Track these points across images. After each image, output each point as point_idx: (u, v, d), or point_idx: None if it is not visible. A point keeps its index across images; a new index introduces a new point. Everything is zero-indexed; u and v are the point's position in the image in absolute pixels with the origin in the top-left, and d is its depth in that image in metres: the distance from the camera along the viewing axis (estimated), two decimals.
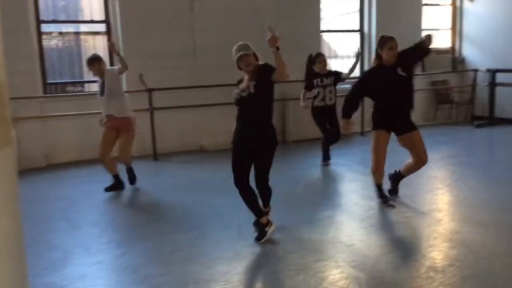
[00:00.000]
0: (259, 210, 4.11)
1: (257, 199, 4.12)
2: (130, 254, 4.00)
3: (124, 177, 5.95)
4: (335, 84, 6.85)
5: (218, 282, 3.40)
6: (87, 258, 3.92)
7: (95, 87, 8.14)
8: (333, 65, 10.37)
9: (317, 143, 7.15)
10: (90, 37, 8.39)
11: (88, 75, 8.46)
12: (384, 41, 4.80)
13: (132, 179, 6.02)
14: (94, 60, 5.74)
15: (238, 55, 3.88)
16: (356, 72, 7.30)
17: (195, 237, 4.32)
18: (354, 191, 5.80)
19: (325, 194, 5.84)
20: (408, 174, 5.17)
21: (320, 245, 4.06)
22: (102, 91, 5.76)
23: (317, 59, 6.86)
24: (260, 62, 4.01)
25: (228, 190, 4.33)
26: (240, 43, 3.97)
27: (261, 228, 4.10)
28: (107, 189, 5.79)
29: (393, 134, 4.93)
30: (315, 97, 6.85)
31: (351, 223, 4.68)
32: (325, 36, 10.02)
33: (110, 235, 4.52)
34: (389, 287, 3.29)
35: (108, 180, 5.87)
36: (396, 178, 5.24)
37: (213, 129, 8.29)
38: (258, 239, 4.07)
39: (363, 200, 5.25)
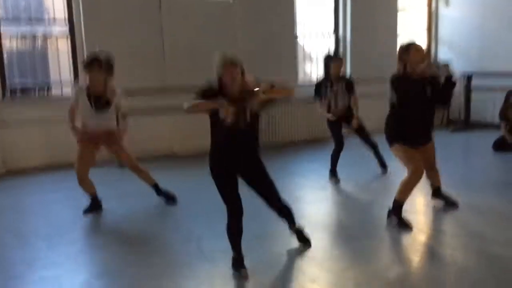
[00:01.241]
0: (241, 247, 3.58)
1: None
2: (77, 271, 3.72)
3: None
4: (348, 91, 6.18)
5: None
6: (29, 275, 3.62)
7: (60, 90, 7.88)
8: (307, 68, 10.24)
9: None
10: (53, 38, 8.04)
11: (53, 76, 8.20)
12: (407, 45, 4.32)
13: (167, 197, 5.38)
14: (90, 64, 4.80)
15: (225, 62, 3.30)
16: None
17: (152, 250, 4.05)
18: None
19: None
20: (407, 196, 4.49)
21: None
22: (98, 107, 4.89)
23: (333, 62, 6.21)
24: (250, 81, 3.40)
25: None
26: (224, 52, 3.38)
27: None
28: (86, 212, 5.05)
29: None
30: (328, 106, 6.18)
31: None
32: (300, 39, 9.82)
33: (59, 249, 4.20)
34: None
35: (67, 189, 5.55)
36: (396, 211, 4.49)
37: (186, 134, 8.01)
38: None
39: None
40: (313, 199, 5.60)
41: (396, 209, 4.44)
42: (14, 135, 7.22)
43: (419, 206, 5.16)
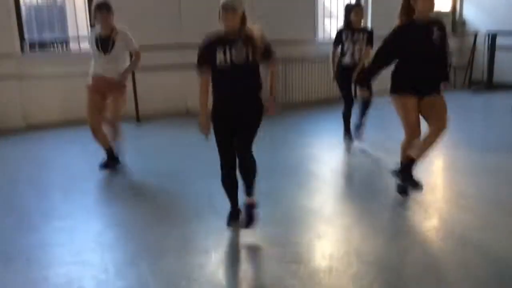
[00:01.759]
0: (237, 200, 3.65)
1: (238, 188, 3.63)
2: (91, 222, 3.85)
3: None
4: (368, 43, 5.93)
5: None
6: (45, 225, 3.77)
7: (77, 45, 7.91)
8: (329, 25, 10.03)
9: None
10: None
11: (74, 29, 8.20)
12: None
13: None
14: (103, 7, 4.80)
15: (225, 6, 3.26)
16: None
17: (164, 204, 4.15)
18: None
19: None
20: (423, 154, 4.05)
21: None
22: (104, 49, 4.89)
23: (353, 9, 5.96)
24: (251, 26, 3.37)
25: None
26: None
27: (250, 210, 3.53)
28: (103, 166, 5.05)
29: None
30: (342, 54, 5.93)
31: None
32: None
33: (74, 200, 4.33)
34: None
35: (84, 143, 5.65)
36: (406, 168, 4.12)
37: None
38: (248, 224, 3.52)
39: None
40: (322, 158, 5.62)
41: (404, 169, 4.13)
42: (34, 90, 7.33)
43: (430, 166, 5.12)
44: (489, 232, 3.50)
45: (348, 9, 6.08)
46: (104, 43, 4.90)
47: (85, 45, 7.77)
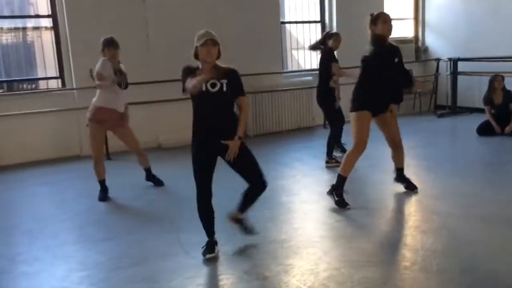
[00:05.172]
0: (213, 230, 3.76)
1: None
2: (57, 265, 3.79)
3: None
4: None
5: None
6: (10, 270, 3.70)
7: (42, 84, 7.88)
8: (297, 56, 10.26)
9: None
10: (37, 32, 8.05)
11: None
12: (376, 16, 4.61)
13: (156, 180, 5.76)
14: (114, 44, 5.23)
15: (204, 39, 3.44)
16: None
17: (132, 241, 4.13)
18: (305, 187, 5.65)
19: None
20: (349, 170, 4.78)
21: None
22: (119, 83, 5.25)
23: (334, 36, 6.59)
24: (221, 64, 3.61)
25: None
26: (207, 30, 3.54)
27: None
28: (102, 199, 5.31)
29: None
30: (329, 78, 6.38)
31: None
32: (287, 27, 9.84)
33: (40, 244, 4.26)
34: None
35: (50, 183, 5.59)
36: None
37: (171, 125, 8.05)
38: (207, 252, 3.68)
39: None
40: (293, 189, 5.68)
41: (339, 184, 4.67)
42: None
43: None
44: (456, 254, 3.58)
45: (329, 36, 6.64)
46: (118, 76, 5.18)
47: (53, 85, 7.83)
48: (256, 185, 3.73)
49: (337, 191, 4.72)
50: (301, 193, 5.50)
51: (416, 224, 4.40)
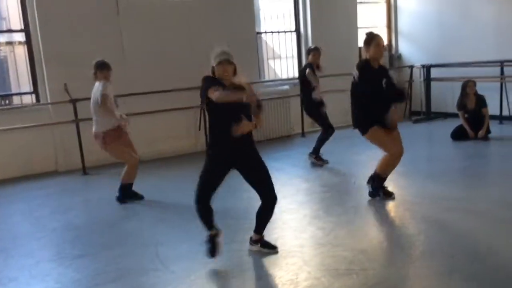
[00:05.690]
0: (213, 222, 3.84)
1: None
2: (34, 285, 3.71)
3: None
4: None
5: None
6: None
7: (16, 100, 7.77)
8: (273, 65, 10.32)
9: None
10: (9, 47, 7.94)
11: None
12: (371, 37, 4.77)
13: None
14: (107, 66, 5.50)
15: (218, 60, 3.60)
16: None
17: (111, 256, 4.06)
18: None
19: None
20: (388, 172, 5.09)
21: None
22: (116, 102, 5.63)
23: (311, 52, 6.97)
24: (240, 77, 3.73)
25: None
26: (223, 50, 3.66)
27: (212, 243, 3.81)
28: (121, 200, 5.61)
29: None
30: (313, 89, 6.80)
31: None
32: (263, 37, 9.90)
33: (15, 263, 4.17)
34: None
35: (25, 201, 5.48)
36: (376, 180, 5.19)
37: (146, 139, 7.97)
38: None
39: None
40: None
41: (378, 181, 5.05)
42: None
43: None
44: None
45: (307, 52, 7.07)
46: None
47: (27, 100, 7.71)
48: (266, 199, 3.82)
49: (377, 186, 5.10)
50: (281, 203, 5.40)
51: (395, 230, 4.45)
